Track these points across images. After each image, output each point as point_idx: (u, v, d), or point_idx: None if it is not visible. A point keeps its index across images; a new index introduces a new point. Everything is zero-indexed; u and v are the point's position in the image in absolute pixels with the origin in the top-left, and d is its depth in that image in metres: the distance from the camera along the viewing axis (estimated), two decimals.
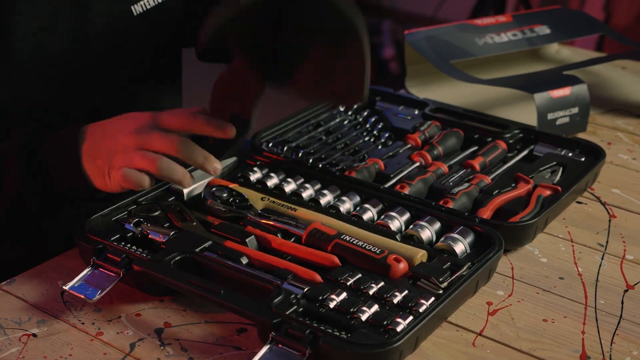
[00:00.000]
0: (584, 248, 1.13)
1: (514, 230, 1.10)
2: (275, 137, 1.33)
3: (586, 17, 1.84)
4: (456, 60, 1.59)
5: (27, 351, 0.91)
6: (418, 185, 1.19)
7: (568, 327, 0.97)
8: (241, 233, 1.05)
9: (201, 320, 0.97)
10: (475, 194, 1.18)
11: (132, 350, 0.92)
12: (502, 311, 1.00)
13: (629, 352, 0.94)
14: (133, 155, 1.01)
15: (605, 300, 1.02)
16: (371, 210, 1.12)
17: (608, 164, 1.36)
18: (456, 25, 1.68)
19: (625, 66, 1.79)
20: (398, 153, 1.30)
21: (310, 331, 0.87)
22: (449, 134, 1.33)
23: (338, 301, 0.93)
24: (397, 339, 0.87)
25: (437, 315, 0.92)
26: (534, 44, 1.71)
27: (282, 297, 0.92)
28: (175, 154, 1.02)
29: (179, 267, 0.99)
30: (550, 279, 1.06)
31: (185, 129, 1.04)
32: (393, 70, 4.04)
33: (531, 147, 1.33)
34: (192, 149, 1.03)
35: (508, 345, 0.94)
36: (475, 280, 0.98)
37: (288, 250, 1.03)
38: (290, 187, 1.18)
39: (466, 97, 1.59)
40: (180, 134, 1.03)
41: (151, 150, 1.01)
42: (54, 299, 1.00)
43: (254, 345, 0.93)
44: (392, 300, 0.93)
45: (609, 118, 1.55)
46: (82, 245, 1.02)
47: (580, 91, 1.44)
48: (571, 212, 1.22)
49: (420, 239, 1.07)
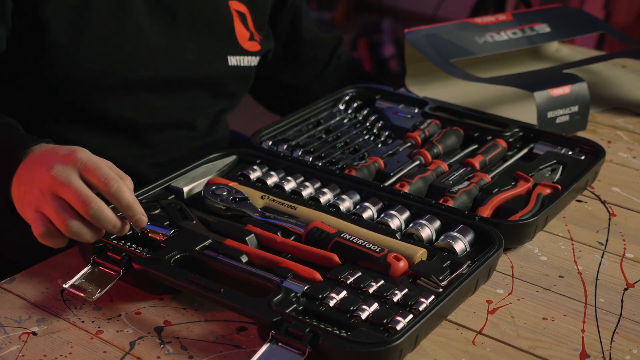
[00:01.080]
0: (583, 246, 1.13)
1: (514, 228, 1.10)
2: (275, 135, 1.33)
3: (586, 16, 1.84)
4: (456, 58, 1.59)
5: (27, 349, 0.91)
6: (418, 184, 1.19)
7: (568, 325, 0.97)
8: (241, 231, 1.05)
9: (201, 318, 0.97)
10: (475, 193, 1.18)
11: (132, 348, 0.92)
12: (502, 309, 1.00)
13: (628, 351, 0.94)
14: (47, 204, 0.93)
15: (605, 299, 1.03)
16: (371, 209, 1.12)
17: (608, 163, 1.36)
18: (456, 23, 1.68)
19: (625, 65, 1.79)
20: (398, 151, 1.30)
21: (310, 329, 0.87)
22: (448, 133, 1.33)
23: (338, 299, 0.93)
24: (397, 337, 0.87)
25: (437, 313, 0.92)
26: (534, 42, 1.71)
27: (282, 295, 0.92)
28: (84, 216, 0.93)
29: (179, 266, 0.99)
30: (550, 277, 1.06)
31: (104, 193, 0.94)
32: (393, 69, 4.04)
33: (531, 146, 1.33)
34: (103, 216, 0.93)
35: (508, 344, 0.94)
36: (475, 279, 0.99)
37: (288, 248, 1.03)
38: (290, 185, 1.18)
39: (466, 96, 1.59)
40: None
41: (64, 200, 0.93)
42: (54, 298, 1.00)
43: (254, 344, 0.93)
44: (392, 298, 0.93)
45: (608, 116, 1.55)
46: (82, 244, 1.02)
47: (580, 90, 1.44)
48: (571, 210, 1.22)
49: (420, 238, 1.07)
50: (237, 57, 1.33)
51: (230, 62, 1.33)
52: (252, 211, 1.09)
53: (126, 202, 0.94)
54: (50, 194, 0.93)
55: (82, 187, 0.92)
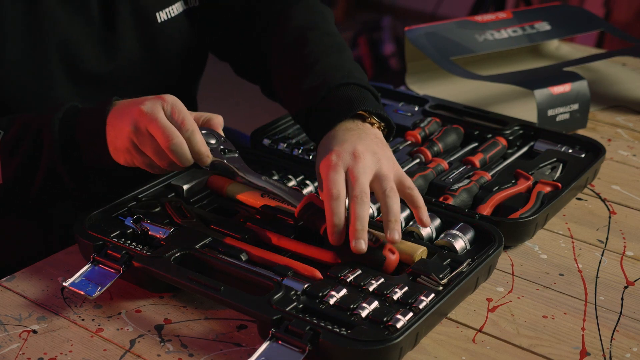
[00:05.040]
0: (584, 244, 1.13)
1: (514, 226, 1.10)
2: (276, 133, 1.33)
3: (586, 14, 1.84)
4: (456, 56, 1.59)
5: (27, 347, 0.91)
6: (418, 182, 1.19)
7: (568, 323, 0.97)
8: (241, 229, 1.05)
9: (201, 316, 0.97)
10: (475, 191, 1.18)
11: (132, 346, 0.92)
12: (502, 307, 1.00)
13: (629, 349, 0.94)
14: (135, 135, 0.99)
15: (605, 297, 1.03)
16: (371, 207, 1.12)
17: (608, 161, 1.36)
18: (456, 21, 1.68)
19: (625, 63, 1.79)
20: (398, 149, 1.30)
21: (310, 327, 0.87)
22: (449, 131, 1.33)
23: (338, 297, 0.93)
24: (397, 335, 0.87)
25: (437, 311, 0.92)
26: (534, 40, 1.71)
27: (282, 293, 0.92)
28: (165, 150, 0.98)
29: (179, 264, 0.99)
30: (550, 275, 1.06)
31: (179, 131, 1.00)
32: (393, 67, 4.04)
33: (531, 144, 1.33)
34: (181, 152, 0.99)
35: (508, 342, 0.94)
36: (475, 277, 0.99)
37: (288, 246, 1.03)
38: (291, 183, 1.18)
39: (466, 94, 1.59)
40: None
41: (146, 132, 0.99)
42: (54, 296, 1.00)
43: (254, 342, 0.93)
44: (392, 296, 0.93)
45: (609, 114, 1.55)
46: (82, 242, 1.02)
47: (581, 88, 1.44)
48: (571, 208, 1.22)
49: (420, 236, 1.07)
50: (165, 10, 1.26)
51: (159, 19, 1.25)
52: (241, 169, 1.04)
53: (197, 147, 1.00)
54: (140, 126, 0.98)
55: (167, 122, 0.98)
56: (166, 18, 1.25)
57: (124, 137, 1.00)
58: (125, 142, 1.00)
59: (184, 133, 0.99)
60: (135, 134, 0.99)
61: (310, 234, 1.06)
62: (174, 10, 1.26)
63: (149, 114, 0.98)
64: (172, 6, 1.25)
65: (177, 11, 1.26)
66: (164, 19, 1.24)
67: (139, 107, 0.99)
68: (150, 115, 0.98)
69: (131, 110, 1.00)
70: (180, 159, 0.99)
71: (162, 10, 1.24)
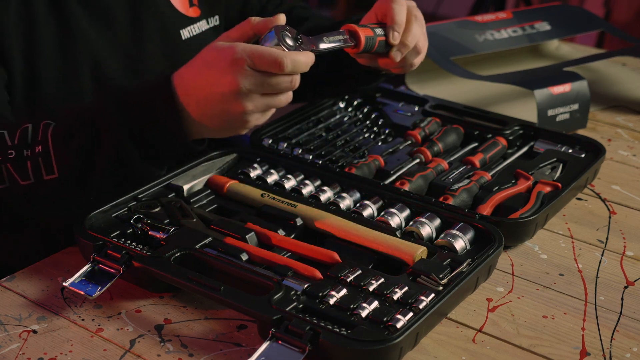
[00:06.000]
0: (584, 244, 1.13)
1: (514, 226, 1.10)
2: (276, 133, 1.33)
3: (586, 14, 1.84)
4: (456, 56, 1.59)
5: (27, 347, 0.91)
6: (418, 182, 1.19)
7: (568, 323, 0.98)
8: (241, 229, 1.05)
9: (201, 316, 0.97)
10: (475, 191, 1.18)
11: (132, 346, 0.92)
12: (502, 308, 1.00)
13: (629, 349, 0.94)
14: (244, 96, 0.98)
15: (605, 297, 1.03)
16: (371, 207, 1.12)
17: (608, 161, 1.36)
18: (456, 21, 1.68)
19: (625, 63, 1.79)
20: (398, 149, 1.30)
21: (310, 327, 0.87)
22: (449, 131, 1.33)
23: (338, 298, 0.93)
24: (397, 335, 0.87)
25: (437, 311, 0.92)
26: (534, 40, 1.71)
27: (282, 293, 0.92)
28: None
29: (179, 264, 0.99)
30: (550, 275, 1.06)
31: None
32: None
33: (531, 144, 1.33)
34: (299, 62, 0.98)
35: (508, 342, 0.94)
36: (475, 277, 0.99)
37: (288, 246, 1.03)
38: (291, 183, 1.18)
39: (466, 94, 1.59)
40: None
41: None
42: (54, 296, 1.00)
43: (254, 342, 0.93)
44: (392, 296, 0.93)
45: (609, 114, 1.55)
46: (82, 242, 1.02)
47: (581, 88, 1.44)
48: (571, 208, 1.22)
49: (420, 236, 1.07)
50: (188, 27, 1.31)
51: (183, 36, 1.30)
52: (317, 42, 1.04)
53: (301, 68, 0.98)
54: (244, 89, 0.96)
55: (268, 81, 0.97)
56: (189, 36, 1.30)
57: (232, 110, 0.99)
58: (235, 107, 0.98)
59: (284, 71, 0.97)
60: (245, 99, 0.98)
61: (310, 234, 1.07)
62: (197, 28, 1.31)
63: (248, 90, 0.96)
64: (195, 24, 1.31)
65: (199, 29, 1.31)
66: (187, 37, 1.29)
67: (234, 99, 0.97)
68: (249, 92, 0.97)
69: (228, 105, 0.98)
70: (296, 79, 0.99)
71: (185, 28, 1.29)
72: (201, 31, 1.32)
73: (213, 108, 0.99)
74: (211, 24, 1.34)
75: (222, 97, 0.98)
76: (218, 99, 0.98)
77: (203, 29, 1.32)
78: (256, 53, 0.96)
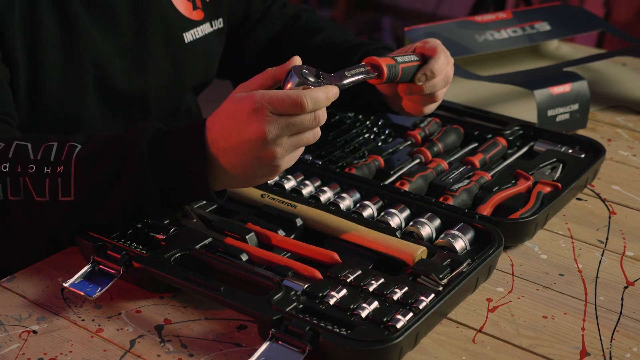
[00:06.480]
0: (584, 245, 1.13)
1: (514, 226, 1.10)
2: None
3: (586, 14, 1.84)
4: (456, 57, 1.58)
5: (27, 348, 0.92)
6: (418, 182, 1.19)
7: (568, 323, 0.98)
8: (241, 230, 1.05)
9: (201, 317, 0.97)
10: (475, 191, 1.18)
11: (132, 347, 0.92)
12: (502, 308, 1.00)
13: (629, 349, 0.94)
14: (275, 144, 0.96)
15: (605, 297, 1.03)
16: (371, 207, 1.12)
17: (608, 161, 1.36)
18: (456, 21, 1.68)
19: (625, 63, 1.79)
20: (398, 150, 1.30)
21: (310, 328, 0.87)
22: (449, 131, 1.33)
23: (338, 298, 0.93)
24: (397, 335, 0.87)
25: (437, 311, 0.92)
26: (534, 40, 1.71)
27: (282, 293, 0.92)
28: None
29: (179, 264, 0.99)
30: (550, 275, 1.06)
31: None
32: None
33: (531, 144, 1.33)
34: (319, 99, 0.96)
35: (508, 342, 0.94)
36: (475, 277, 0.99)
37: (288, 246, 1.03)
38: (290, 183, 1.18)
39: (466, 94, 1.59)
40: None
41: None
42: (54, 296, 1.00)
43: (254, 342, 0.93)
44: (392, 296, 0.93)
45: (609, 115, 1.55)
46: (82, 243, 1.02)
47: (581, 88, 1.44)
48: (571, 208, 1.22)
49: (420, 236, 1.07)
50: (192, 30, 1.31)
51: (186, 39, 1.30)
52: (339, 80, 1.02)
53: (323, 103, 0.97)
54: (271, 137, 0.94)
55: (291, 123, 0.95)
56: (192, 39, 1.30)
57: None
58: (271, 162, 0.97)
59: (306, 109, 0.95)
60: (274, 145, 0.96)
61: (310, 234, 1.07)
62: (200, 31, 1.31)
63: (275, 135, 0.95)
64: (199, 27, 1.31)
65: (202, 32, 1.32)
66: (190, 40, 1.30)
67: (263, 146, 0.95)
68: (277, 137, 0.95)
69: (258, 153, 0.96)
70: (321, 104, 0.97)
71: (188, 31, 1.29)
72: (204, 34, 1.32)
73: (243, 158, 0.97)
74: (214, 27, 1.35)
75: (251, 146, 0.96)
76: (247, 147, 0.96)
77: (206, 31, 1.33)
78: (275, 98, 0.94)
